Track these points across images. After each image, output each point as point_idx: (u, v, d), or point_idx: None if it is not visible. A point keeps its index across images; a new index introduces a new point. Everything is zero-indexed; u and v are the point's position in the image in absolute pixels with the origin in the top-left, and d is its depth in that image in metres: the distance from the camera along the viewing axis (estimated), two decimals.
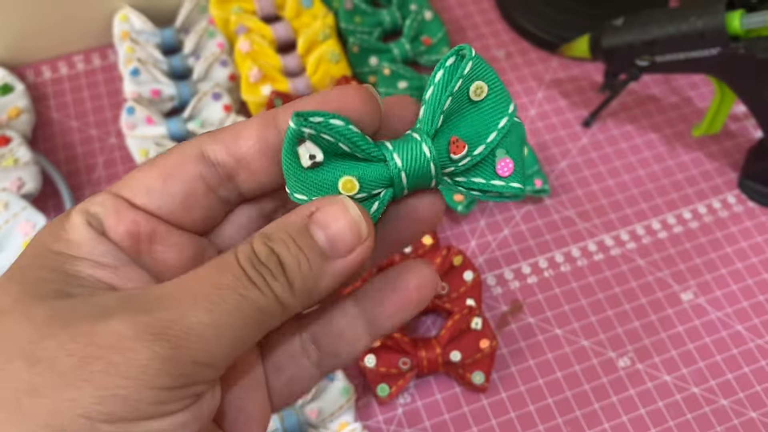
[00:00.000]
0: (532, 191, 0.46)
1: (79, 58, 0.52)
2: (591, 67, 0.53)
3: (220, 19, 0.51)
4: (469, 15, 0.56)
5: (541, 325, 0.43)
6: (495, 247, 0.46)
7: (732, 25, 0.41)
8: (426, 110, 0.20)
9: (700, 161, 0.49)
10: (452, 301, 0.42)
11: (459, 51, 0.20)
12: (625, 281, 0.44)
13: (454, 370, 0.40)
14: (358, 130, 0.19)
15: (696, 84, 0.53)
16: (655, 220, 0.47)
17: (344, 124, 0.19)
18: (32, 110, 0.49)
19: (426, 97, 0.20)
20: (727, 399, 0.41)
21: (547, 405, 0.40)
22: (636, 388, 0.41)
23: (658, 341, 0.42)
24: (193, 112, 0.46)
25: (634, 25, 0.44)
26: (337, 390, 0.38)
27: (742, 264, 0.45)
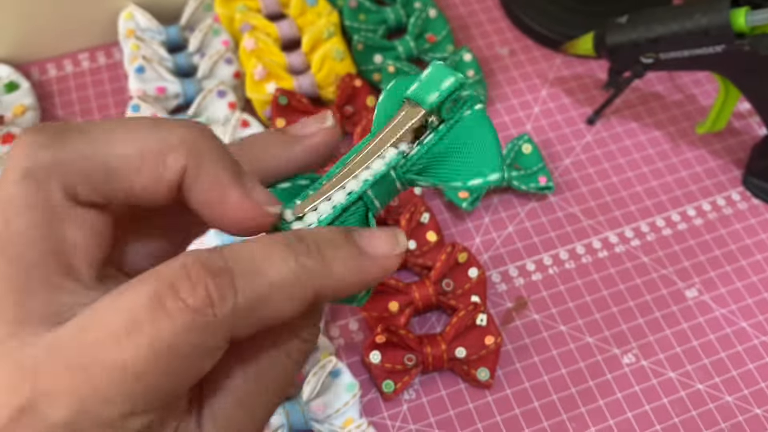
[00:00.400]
0: (537, 188, 0.46)
1: (84, 56, 0.53)
2: (595, 64, 0.53)
3: (224, 17, 0.51)
4: (473, 13, 0.56)
5: (546, 321, 0.43)
6: (500, 244, 0.46)
7: (737, 22, 0.41)
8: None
9: (704, 158, 0.49)
10: (457, 298, 0.42)
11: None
12: (629, 278, 0.44)
13: (459, 367, 0.40)
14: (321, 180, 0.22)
15: (700, 81, 0.53)
16: (659, 217, 0.47)
17: (310, 182, 0.22)
18: (37, 108, 0.49)
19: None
20: (731, 396, 0.41)
21: (552, 401, 0.40)
22: (641, 385, 0.41)
23: (663, 338, 0.43)
24: (198, 109, 0.47)
25: (639, 23, 0.44)
26: (343, 386, 0.38)
27: (747, 261, 0.45)
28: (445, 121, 0.21)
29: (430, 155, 0.21)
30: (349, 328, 0.42)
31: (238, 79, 0.49)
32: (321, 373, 0.38)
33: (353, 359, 0.41)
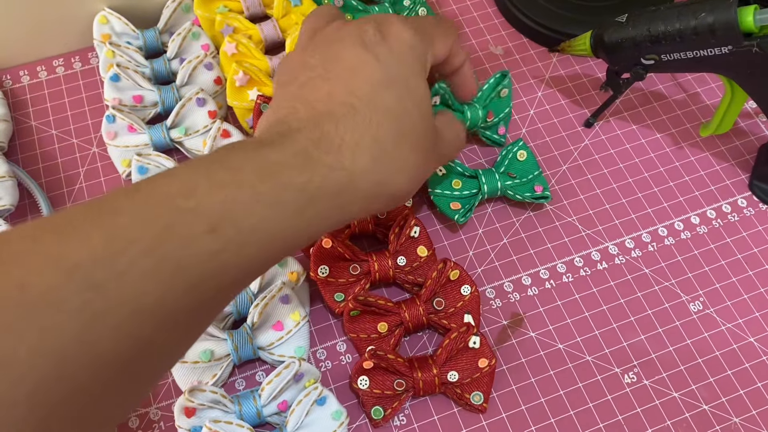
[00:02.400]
0: (532, 198, 0.44)
1: (59, 61, 0.50)
2: (593, 63, 0.51)
3: (205, 19, 0.49)
4: (465, 9, 0.53)
5: (543, 339, 0.41)
6: (494, 257, 0.43)
7: (745, 21, 0.38)
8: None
9: (709, 162, 0.47)
10: (449, 317, 0.40)
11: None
12: (630, 292, 0.42)
13: (452, 391, 0.38)
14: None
15: (704, 79, 0.50)
16: (661, 226, 0.45)
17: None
18: (10, 118, 0.47)
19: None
20: (739, 417, 0.39)
21: (550, 425, 0.38)
22: (642, 407, 0.39)
23: (666, 355, 0.41)
24: (177, 119, 0.44)
25: (639, 21, 0.41)
26: (329, 414, 0.36)
27: (754, 272, 0.43)
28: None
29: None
30: (337, 350, 0.41)
31: (219, 85, 0.47)
32: (306, 401, 0.36)
33: (341, 383, 0.39)
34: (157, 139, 0.44)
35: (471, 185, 0.43)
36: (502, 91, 0.45)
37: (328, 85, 0.30)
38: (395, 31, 0.32)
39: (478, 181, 0.43)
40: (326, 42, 0.32)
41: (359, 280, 0.41)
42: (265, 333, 0.38)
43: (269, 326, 0.38)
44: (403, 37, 0.32)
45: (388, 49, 0.31)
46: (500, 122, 0.46)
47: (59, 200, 0.45)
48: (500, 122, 0.46)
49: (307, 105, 0.29)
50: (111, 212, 0.23)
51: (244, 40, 0.47)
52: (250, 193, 0.25)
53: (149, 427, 0.38)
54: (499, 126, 0.46)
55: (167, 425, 0.38)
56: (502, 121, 0.46)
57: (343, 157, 0.28)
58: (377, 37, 0.31)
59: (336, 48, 0.31)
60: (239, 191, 0.24)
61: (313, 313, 0.41)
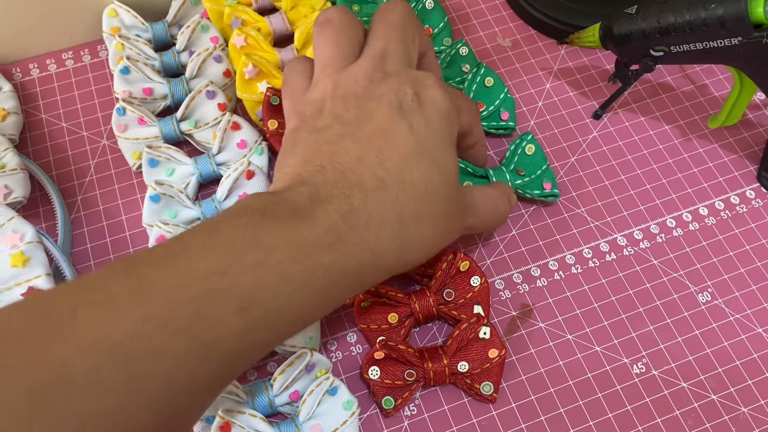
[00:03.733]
0: (540, 195, 0.44)
1: (68, 54, 0.50)
2: (602, 55, 0.51)
3: (213, 11, 0.49)
4: (473, 1, 0.53)
5: (552, 330, 0.41)
6: (503, 248, 0.44)
7: (755, 12, 0.38)
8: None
9: (717, 154, 0.47)
10: (459, 308, 0.40)
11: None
12: (639, 283, 0.43)
13: (462, 381, 0.38)
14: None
15: (712, 71, 0.50)
16: (669, 217, 0.45)
17: None
18: (20, 111, 0.47)
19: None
20: (747, 407, 0.39)
21: (560, 415, 0.39)
22: (651, 396, 0.39)
23: (674, 346, 0.41)
24: (187, 111, 0.45)
25: (649, 13, 0.41)
26: (340, 404, 0.37)
27: (763, 263, 0.43)
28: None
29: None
30: (348, 341, 0.41)
31: (228, 77, 0.47)
32: (318, 390, 0.36)
33: (352, 373, 0.40)
34: (167, 131, 0.44)
35: (479, 184, 0.43)
36: (487, 80, 0.46)
37: (359, 148, 0.30)
38: (432, 98, 0.32)
39: (488, 181, 0.43)
40: (363, 98, 0.31)
41: None
42: None
43: None
44: (439, 106, 0.32)
45: (423, 117, 0.31)
46: (498, 109, 0.46)
47: (70, 192, 0.45)
48: (498, 109, 0.46)
49: (335, 168, 0.29)
50: (151, 290, 0.23)
51: (252, 33, 0.47)
52: (279, 276, 0.26)
53: None
54: (501, 112, 0.46)
55: None
56: (501, 107, 0.46)
57: (368, 234, 0.29)
58: (414, 103, 0.31)
59: (372, 106, 0.31)
60: (270, 273, 0.25)
61: None
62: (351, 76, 0.32)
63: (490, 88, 0.47)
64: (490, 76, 0.47)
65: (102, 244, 0.43)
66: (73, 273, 0.40)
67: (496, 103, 0.46)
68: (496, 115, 0.46)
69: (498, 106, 0.46)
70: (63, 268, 0.40)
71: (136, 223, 0.44)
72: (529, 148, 0.44)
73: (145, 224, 0.42)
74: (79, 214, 0.44)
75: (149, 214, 0.41)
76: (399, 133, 0.30)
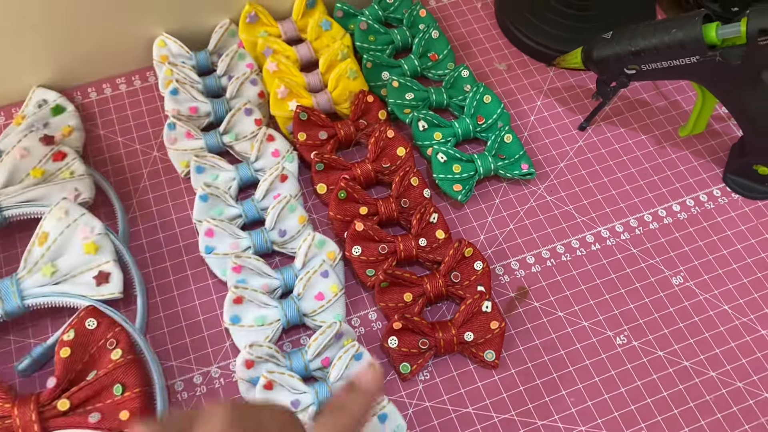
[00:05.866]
0: (520, 174, 0.51)
1: (121, 80, 0.58)
2: (585, 76, 0.58)
3: (248, 42, 0.56)
4: (472, 32, 0.61)
5: (545, 308, 0.48)
6: (502, 240, 0.50)
7: (709, 35, 0.45)
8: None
9: (688, 159, 0.54)
10: (464, 289, 0.47)
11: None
12: (620, 268, 0.49)
13: (468, 349, 0.45)
14: None
15: (682, 88, 0.58)
16: (646, 213, 0.52)
17: None
18: (82, 128, 0.54)
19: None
20: (715, 371, 0.45)
21: (553, 379, 0.45)
22: (632, 363, 0.46)
23: (652, 321, 0.47)
24: (228, 126, 0.52)
25: (622, 38, 0.49)
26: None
27: (727, 251, 0.50)
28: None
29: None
30: (369, 318, 0.47)
31: (262, 98, 0.54)
32: (345, 356, 0.43)
33: (373, 345, 0.46)
34: (211, 143, 0.52)
35: (469, 168, 0.51)
36: (485, 98, 0.53)
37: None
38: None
39: (474, 164, 0.51)
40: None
41: (387, 258, 0.47)
42: (309, 302, 0.45)
43: (312, 296, 0.45)
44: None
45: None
46: (520, 160, 0.52)
47: (126, 196, 0.52)
48: (520, 160, 0.52)
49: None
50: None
51: (283, 60, 0.55)
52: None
53: (210, 383, 0.45)
54: (521, 163, 0.52)
55: (226, 381, 0.45)
56: (522, 160, 0.52)
57: None
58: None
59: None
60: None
61: (347, 288, 0.48)
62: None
63: (488, 104, 0.54)
64: (488, 94, 0.54)
65: (155, 240, 0.50)
66: (133, 261, 0.47)
67: (493, 117, 0.53)
68: (516, 165, 0.52)
69: (495, 119, 0.53)
70: (125, 257, 0.47)
71: (185, 221, 0.51)
72: (507, 137, 0.52)
73: (195, 220, 0.48)
74: (135, 215, 0.51)
75: (199, 211, 0.48)
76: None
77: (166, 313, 0.47)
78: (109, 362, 0.41)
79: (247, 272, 0.46)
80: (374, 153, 0.51)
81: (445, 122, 0.53)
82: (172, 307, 0.47)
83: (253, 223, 0.49)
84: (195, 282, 0.48)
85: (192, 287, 0.48)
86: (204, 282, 0.48)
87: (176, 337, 0.46)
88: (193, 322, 0.47)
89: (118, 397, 0.40)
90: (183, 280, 0.48)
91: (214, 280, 0.48)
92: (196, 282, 0.48)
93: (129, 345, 0.42)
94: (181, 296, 0.48)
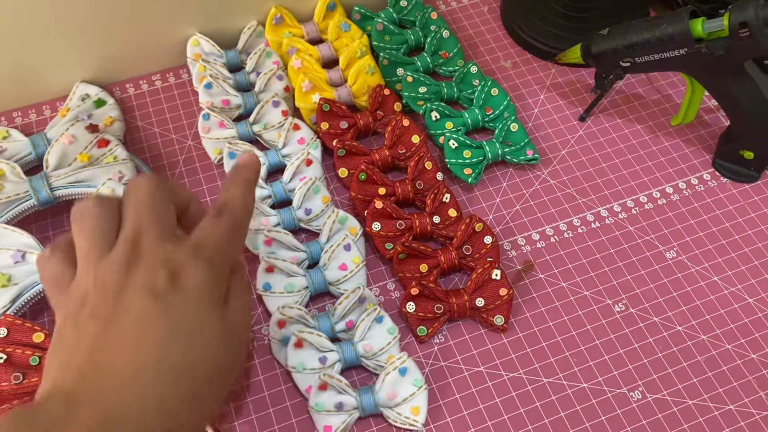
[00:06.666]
0: (525, 160, 0.56)
1: (156, 77, 0.63)
2: (584, 71, 0.63)
3: (274, 42, 0.61)
4: (480, 33, 0.66)
5: (549, 279, 0.52)
6: (509, 219, 0.55)
7: (695, 29, 0.50)
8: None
9: (680, 146, 0.59)
10: (475, 261, 0.51)
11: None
12: (618, 244, 0.53)
13: (479, 314, 0.49)
14: None
15: (674, 83, 0.62)
16: (642, 194, 0.56)
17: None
18: (122, 119, 0.59)
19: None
20: (706, 335, 0.49)
21: (557, 342, 0.49)
22: (630, 328, 0.50)
23: (647, 290, 0.51)
24: (257, 117, 0.57)
25: (617, 33, 0.53)
26: (385, 329, 0.47)
27: (716, 228, 0.54)
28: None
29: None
30: (387, 288, 0.52)
31: (287, 92, 0.59)
32: (367, 319, 0.47)
33: (392, 312, 0.50)
34: (243, 132, 0.56)
35: (478, 153, 0.55)
36: (493, 90, 0.58)
37: (118, 340, 0.30)
38: (186, 273, 0.32)
39: (483, 150, 0.55)
40: (120, 288, 0.31)
41: (404, 233, 0.52)
42: (333, 271, 0.50)
43: (336, 266, 0.50)
44: (195, 278, 0.32)
45: (178, 295, 0.31)
46: (525, 147, 0.57)
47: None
48: (525, 147, 0.57)
49: (95, 365, 0.30)
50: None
51: (307, 57, 0.60)
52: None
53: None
54: (526, 150, 0.57)
55: (258, 344, 0.49)
56: (527, 146, 0.57)
57: (128, 428, 0.28)
58: (168, 284, 0.31)
59: (129, 295, 0.31)
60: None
61: (367, 262, 0.52)
62: (108, 266, 0.32)
63: (495, 96, 0.59)
64: (495, 87, 0.59)
65: None
66: None
67: (500, 108, 0.58)
68: (522, 152, 0.57)
69: (502, 110, 0.58)
70: None
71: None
72: (513, 126, 0.56)
73: None
74: None
75: None
76: (155, 318, 0.30)
77: None
78: None
79: (277, 245, 0.50)
80: (391, 140, 0.56)
81: (456, 113, 0.58)
82: None
83: (281, 202, 0.54)
84: None
85: None
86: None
87: None
88: None
89: None
90: None
91: (247, 255, 0.53)
92: None
93: None
94: None
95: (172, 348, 0.30)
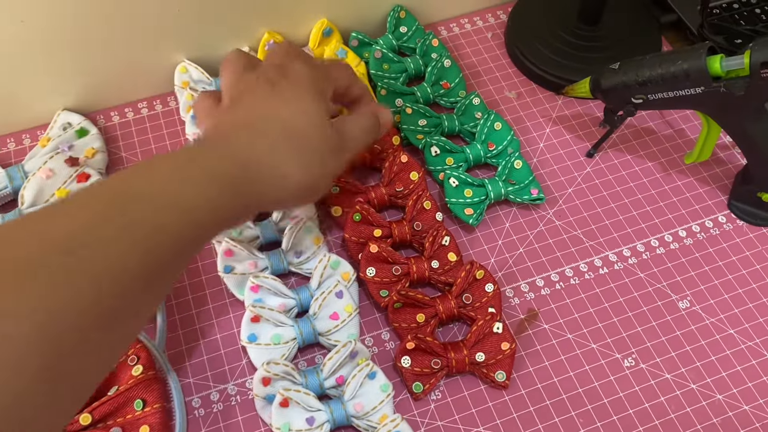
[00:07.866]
0: (530, 199, 0.52)
1: (143, 104, 0.60)
2: (592, 104, 0.60)
3: None
4: (483, 61, 0.63)
5: (554, 330, 0.49)
6: (512, 263, 0.52)
7: (713, 67, 0.47)
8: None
9: (693, 186, 0.56)
10: (476, 310, 0.48)
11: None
12: (627, 292, 0.50)
13: (479, 370, 0.46)
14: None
15: (688, 117, 0.59)
16: (653, 238, 0.53)
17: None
18: (105, 150, 0.56)
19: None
20: (722, 394, 0.46)
21: (562, 400, 0.46)
22: (640, 385, 0.46)
23: (659, 344, 0.48)
24: None
25: (629, 68, 0.50)
26: (378, 387, 0.44)
27: (733, 276, 0.51)
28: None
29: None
30: (382, 338, 0.48)
31: None
32: (359, 375, 0.44)
33: (386, 365, 0.47)
34: None
35: (480, 192, 0.52)
36: (496, 125, 0.55)
37: (259, 109, 0.42)
38: (295, 69, 0.44)
39: (485, 189, 0.52)
40: (249, 97, 0.43)
41: (400, 279, 0.49)
42: (324, 321, 0.46)
43: (327, 315, 0.47)
44: (301, 73, 0.43)
45: (287, 81, 0.43)
46: (530, 185, 0.54)
47: None
48: (530, 185, 0.54)
49: (247, 123, 0.42)
50: (156, 170, 0.36)
51: None
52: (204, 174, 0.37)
53: (227, 400, 0.46)
54: (531, 189, 0.54)
55: (242, 398, 0.46)
56: (531, 185, 0.54)
57: (240, 151, 0.39)
58: (279, 75, 0.43)
59: (256, 97, 0.43)
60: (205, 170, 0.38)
61: (361, 309, 0.49)
62: (240, 92, 0.44)
63: (498, 131, 0.56)
64: (499, 121, 0.56)
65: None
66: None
67: (504, 143, 0.55)
68: (526, 191, 0.54)
69: (506, 146, 0.55)
70: None
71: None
72: (517, 164, 0.53)
73: (214, 241, 0.50)
74: None
75: None
76: (272, 97, 0.42)
77: (184, 331, 0.48)
78: (130, 378, 0.42)
79: (264, 292, 0.47)
80: (388, 178, 0.53)
81: (457, 148, 0.55)
82: (191, 325, 0.49)
83: (270, 243, 0.51)
84: (213, 301, 0.50)
85: (210, 306, 0.49)
86: (221, 301, 0.50)
87: (194, 354, 0.47)
88: (210, 340, 0.48)
89: (139, 412, 0.42)
90: (201, 299, 0.50)
91: (231, 299, 0.49)
92: (214, 301, 0.50)
93: (149, 361, 0.43)
94: (199, 315, 0.49)
95: (281, 111, 0.41)
